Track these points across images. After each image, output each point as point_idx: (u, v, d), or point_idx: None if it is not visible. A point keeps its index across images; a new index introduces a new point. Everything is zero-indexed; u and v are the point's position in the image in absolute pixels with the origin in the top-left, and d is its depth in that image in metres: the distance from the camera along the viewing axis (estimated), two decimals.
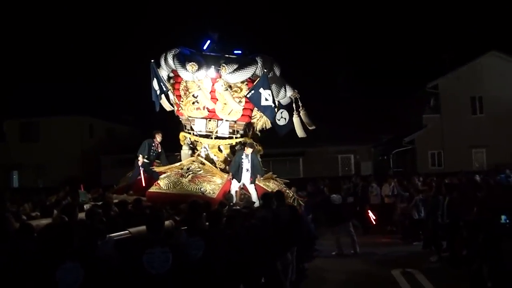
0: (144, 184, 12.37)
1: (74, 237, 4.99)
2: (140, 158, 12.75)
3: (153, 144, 12.99)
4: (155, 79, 12.49)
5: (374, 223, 16.40)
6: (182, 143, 13.46)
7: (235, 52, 13.09)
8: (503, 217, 9.28)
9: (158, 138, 13.09)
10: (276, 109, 12.59)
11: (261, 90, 11.87)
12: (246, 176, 12.25)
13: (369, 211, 16.36)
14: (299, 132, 13.73)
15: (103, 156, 34.58)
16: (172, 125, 14.06)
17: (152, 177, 12.51)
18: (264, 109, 12.18)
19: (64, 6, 51.05)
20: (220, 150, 13.13)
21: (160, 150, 13.17)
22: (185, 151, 13.30)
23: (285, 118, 13.59)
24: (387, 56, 48.81)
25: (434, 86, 32.65)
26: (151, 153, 12.90)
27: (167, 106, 13.33)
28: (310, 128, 13.85)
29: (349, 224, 14.03)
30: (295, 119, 13.51)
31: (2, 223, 6.21)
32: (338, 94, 42.67)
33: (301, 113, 13.58)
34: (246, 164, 12.28)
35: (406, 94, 36.93)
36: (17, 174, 37.06)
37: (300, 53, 49.19)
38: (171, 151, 13.97)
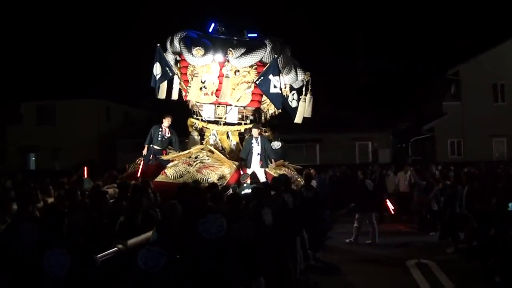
0: (138, 174, 12.05)
1: (64, 223, 4.88)
2: (145, 150, 12.58)
3: (160, 130, 12.72)
4: (157, 63, 12.20)
5: (392, 212, 16.06)
6: (190, 129, 13.22)
7: (249, 35, 12.80)
8: (510, 204, 9.01)
9: (166, 122, 12.77)
10: (282, 97, 12.31)
11: (271, 76, 11.60)
12: (256, 161, 12.03)
13: (387, 200, 16.00)
14: (298, 117, 13.40)
15: (119, 140, 34.55)
16: (189, 111, 13.75)
17: (162, 165, 12.24)
18: (272, 97, 11.92)
19: None
20: (228, 137, 12.88)
21: (169, 135, 12.83)
22: (193, 137, 13.04)
23: (296, 101, 13.36)
24: (407, 42, 48.02)
25: (455, 72, 32.07)
26: (160, 139, 12.65)
27: (163, 93, 12.98)
28: (306, 116, 13.47)
29: (373, 213, 13.69)
30: (301, 103, 13.27)
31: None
32: (357, 81, 42.16)
33: (307, 98, 13.28)
34: (256, 147, 12.10)
35: (426, 81, 36.39)
36: (34, 156, 37.31)
37: (319, 38, 48.65)
38: (186, 137, 13.71)
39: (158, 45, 12.35)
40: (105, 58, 42.69)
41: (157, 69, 12.26)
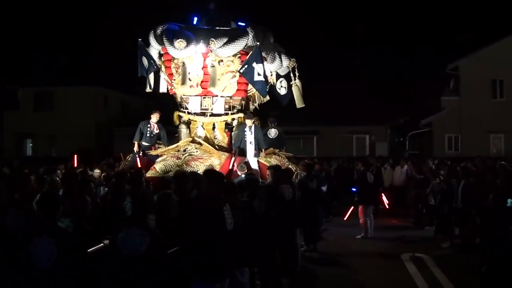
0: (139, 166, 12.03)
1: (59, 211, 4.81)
2: (136, 145, 12.52)
3: (149, 126, 12.68)
4: (144, 57, 12.15)
5: (387, 207, 16.08)
6: (177, 123, 13.08)
7: (239, 23, 12.71)
8: (509, 200, 8.99)
9: (154, 118, 12.74)
10: (268, 84, 12.26)
11: (254, 64, 11.51)
12: (250, 149, 12.01)
13: (382, 194, 16.01)
14: (298, 102, 13.39)
15: (117, 128, 34.42)
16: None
17: (151, 161, 12.22)
18: (257, 85, 11.84)
19: None
20: (214, 128, 12.80)
21: (158, 131, 12.80)
22: (183, 130, 12.95)
23: (284, 88, 13.32)
24: (406, 35, 47.88)
25: (454, 67, 31.98)
26: (149, 136, 12.62)
27: (148, 87, 12.91)
28: (301, 100, 13.49)
29: (371, 206, 13.68)
30: (294, 88, 13.22)
31: None
32: (355, 74, 42.09)
33: (298, 82, 13.24)
34: (250, 136, 12.08)
35: (425, 75, 36.35)
36: (31, 142, 37.22)
37: (318, 31, 48.48)
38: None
39: (139, 40, 12.26)
40: (104, 45, 42.51)
41: (144, 63, 12.19)
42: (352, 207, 14.18)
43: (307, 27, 46.30)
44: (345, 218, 14.51)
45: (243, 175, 10.22)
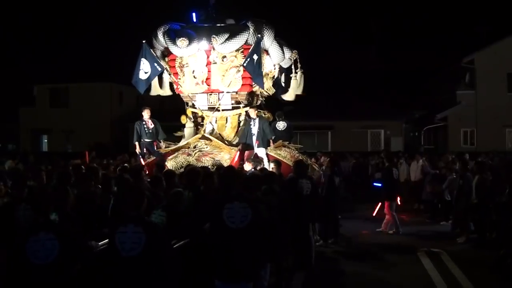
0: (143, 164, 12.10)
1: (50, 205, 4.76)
2: (137, 147, 12.61)
3: (144, 123, 12.76)
4: (143, 59, 12.20)
5: (399, 203, 15.97)
6: (184, 121, 13.21)
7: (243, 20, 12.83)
8: None
9: (146, 115, 12.79)
10: (263, 76, 12.36)
11: (255, 56, 11.60)
12: (254, 141, 12.08)
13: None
14: (291, 94, 13.54)
15: (131, 123, 34.43)
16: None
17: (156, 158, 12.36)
18: (255, 77, 11.89)
19: None
20: (227, 122, 12.92)
21: (153, 126, 12.81)
22: (189, 129, 13.09)
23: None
24: (421, 28, 47.52)
25: (470, 61, 31.69)
26: (146, 133, 12.68)
27: (158, 90, 13.16)
28: (300, 93, 13.61)
29: (395, 202, 13.58)
30: (293, 81, 13.31)
31: None
32: (370, 68, 41.87)
33: (298, 75, 13.26)
34: (253, 128, 12.14)
35: (440, 69, 36.05)
36: (47, 138, 37.52)
37: (331, 25, 48.32)
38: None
39: (143, 41, 12.37)
40: (119, 42, 42.64)
41: (144, 67, 12.25)
42: (380, 203, 14.06)
43: (322, 20, 46.16)
44: (374, 214, 14.36)
45: (252, 169, 10.26)
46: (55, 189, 5.85)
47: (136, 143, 12.71)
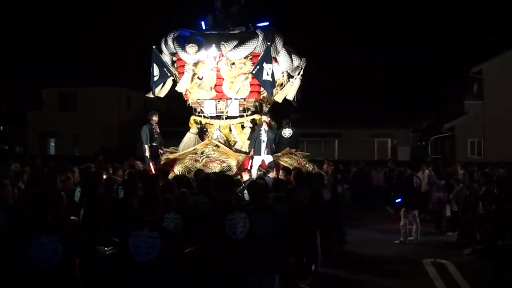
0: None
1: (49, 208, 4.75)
2: (147, 149, 12.64)
3: (153, 127, 12.87)
4: (154, 65, 12.35)
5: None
6: (190, 126, 13.32)
7: (258, 25, 12.87)
8: None
9: (155, 118, 12.96)
10: (274, 84, 12.49)
11: (264, 64, 11.69)
12: (263, 148, 12.15)
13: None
14: (280, 96, 13.62)
15: (139, 128, 34.50)
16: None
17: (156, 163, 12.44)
18: (264, 84, 11.99)
19: None
20: (230, 130, 12.97)
21: (159, 131, 13.00)
22: (190, 135, 13.22)
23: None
24: (430, 37, 47.54)
25: (478, 71, 31.61)
26: (155, 137, 12.80)
27: (164, 92, 13.22)
28: (290, 99, 13.66)
29: (416, 210, 13.53)
30: (288, 85, 13.50)
31: None
32: (377, 76, 41.89)
33: (296, 81, 13.43)
34: (263, 135, 12.24)
35: (448, 79, 35.99)
36: (54, 142, 37.66)
37: (339, 33, 48.37)
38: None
39: (153, 47, 12.50)
40: (127, 46, 42.87)
41: (154, 71, 12.41)
42: (398, 211, 14.01)
43: (330, 28, 46.20)
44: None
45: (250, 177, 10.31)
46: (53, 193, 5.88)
47: (148, 146, 12.73)
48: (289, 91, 13.60)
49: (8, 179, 8.36)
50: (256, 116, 13.00)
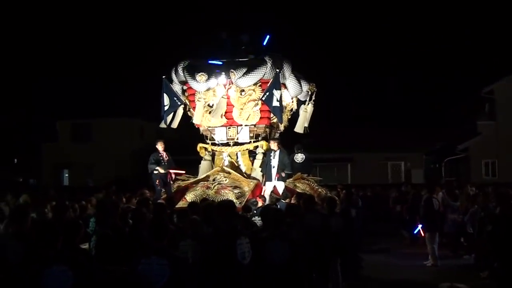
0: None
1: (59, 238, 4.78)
2: (161, 170, 12.54)
3: (160, 155, 12.84)
4: (165, 95, 12.54)
5: (423, 235, 15.76)
6: (202, 154, 13.36)
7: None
8: None
9: (160, 147, 12.93)
10: (284, 110, 12.67)
11: (274, 91, 11.83)
12: (273, 173, 12.12)
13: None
14: (299, 127, 13.66)
15: None
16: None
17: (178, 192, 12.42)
18: (274, 110, 12.10)
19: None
20: (237, 156, 13.05)
21: (167, 158, 12.90)
22: (205, 162, 13.27)
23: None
24: (440, 59, 47.49)
25: (490, 91, 31.53)
26: (163, 164, 12.72)
27: (176, 122, 13.48)
28: (307, 125, 13.65)
29: (438, 232, 13.41)
30: (302, 113, 13.54)
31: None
32: (389, 99, 41.86)
33: (309, 108, 13.34)
34: (273, 161, 12.24)
35: (460, 99, 35.94)
36: (68, 172, 37.90)
37: (350, 57, 48.51)
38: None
39: (163, 77, 12.70)
40: (140, 78, 43.32)
41: (164, 100, 12.63)
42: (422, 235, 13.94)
43: (338, 51, 46.41)
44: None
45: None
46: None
47: (157, 169, 12.56)
48: (305, 119, 13.64)
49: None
50: (260, 143, 12.95)
